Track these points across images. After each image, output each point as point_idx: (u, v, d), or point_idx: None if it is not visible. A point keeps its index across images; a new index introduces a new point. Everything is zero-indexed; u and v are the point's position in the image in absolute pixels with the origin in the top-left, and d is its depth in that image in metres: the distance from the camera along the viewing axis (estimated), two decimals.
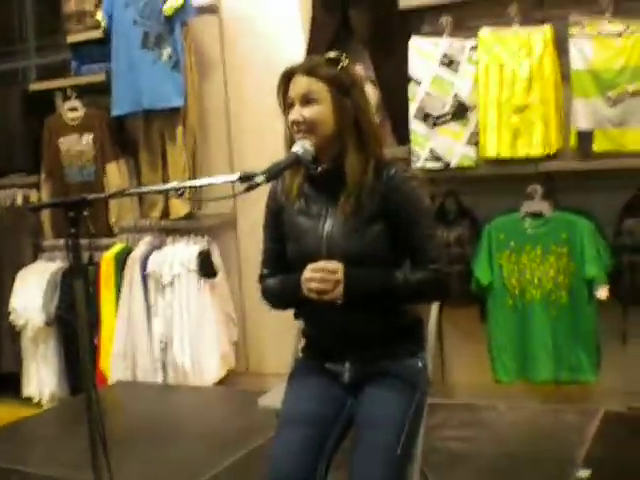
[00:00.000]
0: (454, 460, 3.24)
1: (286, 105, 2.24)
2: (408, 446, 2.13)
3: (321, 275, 2.12)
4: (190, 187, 2.75)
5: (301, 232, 2.26)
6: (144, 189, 2.40)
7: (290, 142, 2.23)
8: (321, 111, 2.18)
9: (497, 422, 3.70)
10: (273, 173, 2.06)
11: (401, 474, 2.10)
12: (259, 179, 2.00)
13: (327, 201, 2.24)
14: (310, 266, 2.15)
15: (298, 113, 2.18)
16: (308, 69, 2.21)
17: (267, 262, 2.39)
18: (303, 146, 2.13)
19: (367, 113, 2.27)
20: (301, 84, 2.19)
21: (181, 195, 3.30)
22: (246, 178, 2.00)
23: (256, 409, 2.81)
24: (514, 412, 3.76)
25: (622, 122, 3.53)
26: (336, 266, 2.12)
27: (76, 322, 2.12)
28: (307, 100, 2.18)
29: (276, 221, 2.34)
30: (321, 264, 2.14)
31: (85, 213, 2.06)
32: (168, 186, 2.24)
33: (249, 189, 2.00)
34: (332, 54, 2.26)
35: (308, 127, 2.17)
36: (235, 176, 2.03)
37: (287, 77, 2.23)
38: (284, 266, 2.33)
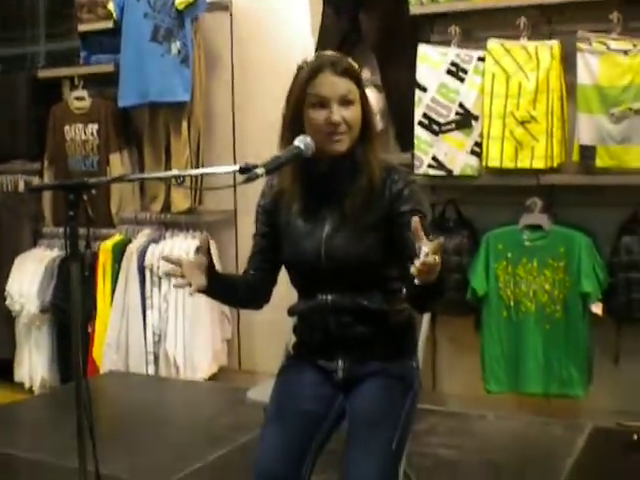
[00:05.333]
0: (439, 466, 3.25)
1: (307, 102, 2.17)
2: (401, 443, 2.12)
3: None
4: (191, 176, 2.75)
5: (299, 235, 2.24)
6: (145, 175, 2.42)
7: (284, 138, 2.22)
8: (358, 112, 2.18)
9: (485, 431, 3.71)
10: (273, 166, 2.05)
11: (394, 469, 2.09)
12: (259, 171, 2.00)
13: (328, 203, 2.22)
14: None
15: (339, 114, 2.14)
16: (344, 70, 2.17)
17: (250, 258, 2.36)
18: (304, 141, 2.13)
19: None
20: (340, 85, 2.15)
21: (181, 184, 3.29)
22: (246, 169, 2.00)
23: (245, 405, 2.81)
24: (503, 422, 3.77)
25: (625, 139, 3.54)
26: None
27: (70, 309, 2.12)
28: (346, 101, 2.15)
29: (269, 219, 2.31)
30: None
31: (84, 197, 2.06)
32: (169, 173, 2.26)
33: (248, 180, 2.00)
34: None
35: (347, 128, 2.15)
36: (235, 167, 2.04)
37: (316, 74, 2.17)
38: (266, 262, 2.32)
